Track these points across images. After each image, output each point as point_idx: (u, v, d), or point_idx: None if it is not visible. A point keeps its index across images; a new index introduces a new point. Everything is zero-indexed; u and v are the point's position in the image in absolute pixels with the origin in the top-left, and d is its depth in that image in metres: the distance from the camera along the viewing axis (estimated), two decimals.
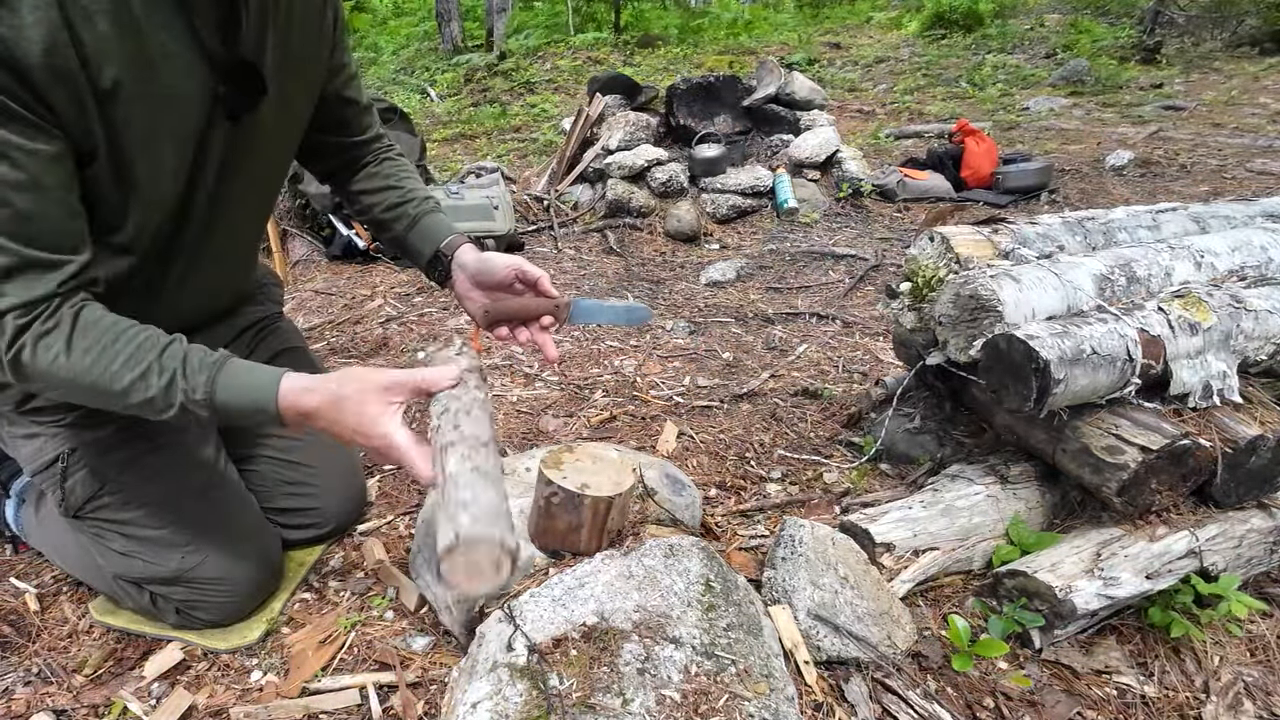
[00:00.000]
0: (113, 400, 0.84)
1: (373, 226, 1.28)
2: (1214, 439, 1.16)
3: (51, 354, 0.81)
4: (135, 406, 0.84)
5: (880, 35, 10.49)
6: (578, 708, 0.78)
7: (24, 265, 0.78)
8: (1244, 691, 1.04)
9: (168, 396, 0.83)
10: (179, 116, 0.87)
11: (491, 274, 1.10)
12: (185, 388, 0.83)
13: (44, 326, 0.81)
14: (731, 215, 3.75)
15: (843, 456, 1.63)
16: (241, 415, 0.86)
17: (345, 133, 1.20)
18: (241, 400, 0.85)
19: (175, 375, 0.83)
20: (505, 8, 9.29)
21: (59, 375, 0.81)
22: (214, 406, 0.84)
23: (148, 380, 0.83)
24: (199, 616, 1.12)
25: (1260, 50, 8.05)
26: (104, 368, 0.82)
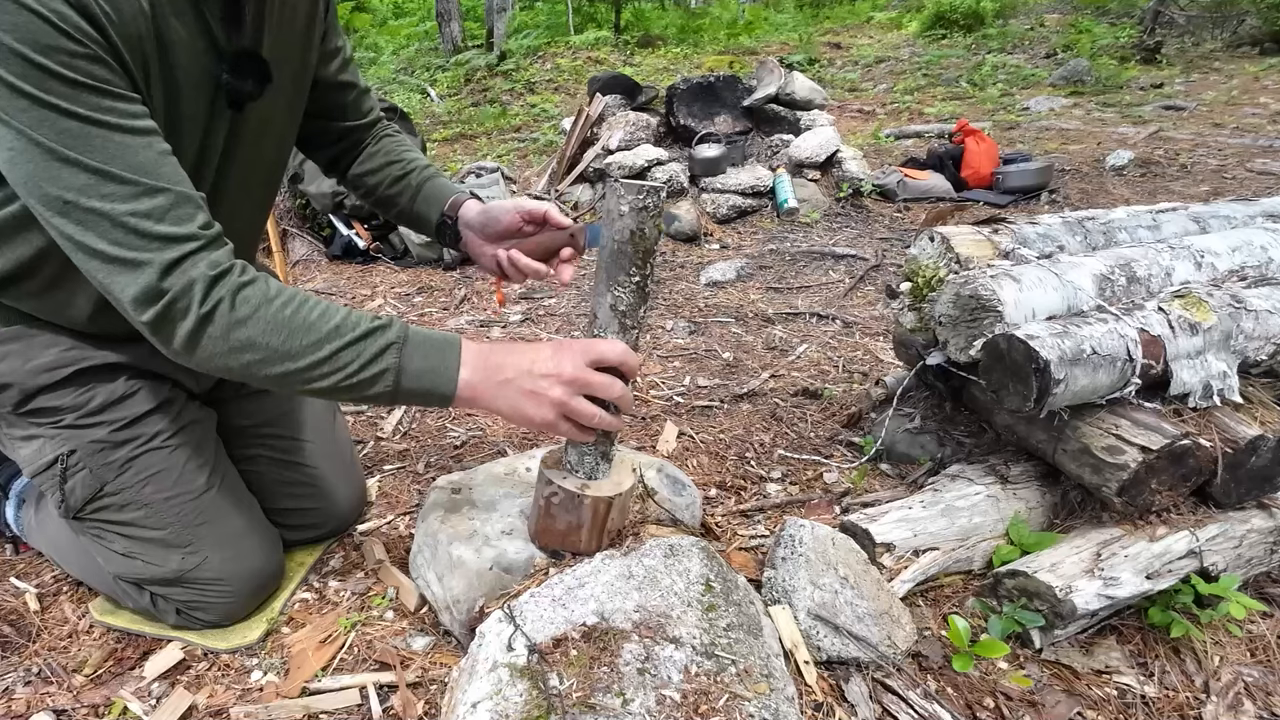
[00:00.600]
0: (305, 354, 0.83)
1: (381, 207, 1.27)
2: (1214, 439, 1.16)
3: (251, 305, 0.82)
4: (327, 359, 0.84)
5: (880, 35, 10.49)
6: (578, 708, 0.78)
7: (181, 199, 0.80)
8: (1244, 691, 1.04)
9: (364, 346, 0.84)
10: (188, 104, 0.87)
11: (497, 223, 1.09)
12: (385, 336, 0.85)
13: (242, 278, 0.83)
14: (732, 215, 3.75)
15: (843, 456, 1.63)
16: (423, 376, 0.88)
17: (344, 117, 1.19)
18: (429, 357, 0.88)
19: (374, 324, 0.86)
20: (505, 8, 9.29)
21: (257, 327, 0.81)
22: (401, 366, 0.86)
23: (341, 329, 0.84)
24: (199, 617, 1.12)
25: (1261, 50, 8.05)
26: (304, 317, 0.83)
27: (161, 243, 0.78)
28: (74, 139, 0.74)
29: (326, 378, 0.85)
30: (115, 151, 0.76)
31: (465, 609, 1.05)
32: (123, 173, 0.76)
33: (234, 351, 0.82)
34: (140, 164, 0.77)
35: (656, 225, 0.90)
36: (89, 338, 1.04)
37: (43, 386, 1.02)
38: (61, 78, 0.71)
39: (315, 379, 0.85)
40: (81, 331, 1.03)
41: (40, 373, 1.01)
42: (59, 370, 1.02)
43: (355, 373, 0.85)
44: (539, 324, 2.54)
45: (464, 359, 0.89)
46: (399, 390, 0.87)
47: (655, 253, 0.92)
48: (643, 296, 0.94)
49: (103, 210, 0.76)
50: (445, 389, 0.88)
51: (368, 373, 0.85)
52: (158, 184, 0.78)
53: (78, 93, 0.73)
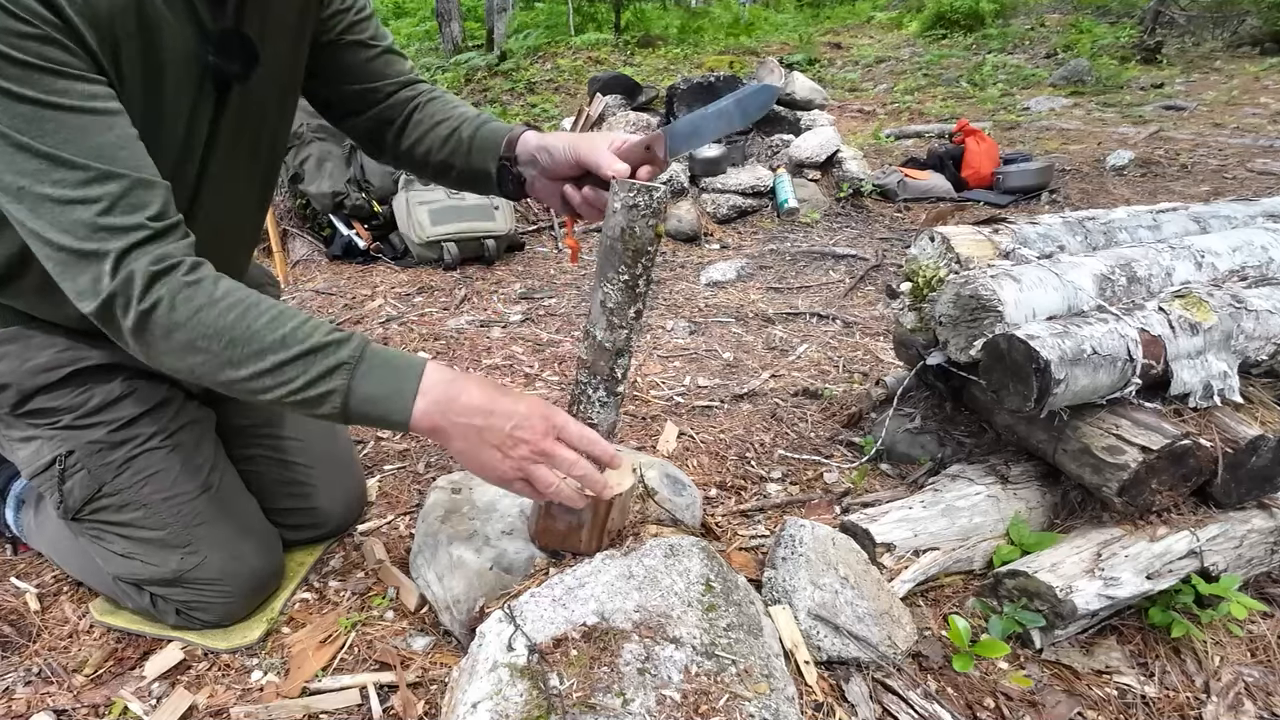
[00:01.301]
0: (247, 363, 0.79)
1: (440, 177, 1.15)
2: (1214, 439, 1.16)
3: (192, 307, 0.78)
4: (270, 371, 0.79)
5: (881, 35, 10.49)
6: (578, 708, 0.78)
7: (136, 186, 0.77)
8: (1244, 692, 1.04)
9: (312, 361, 0.80)
10: (172, 85, 0.85)
11: (556, 164, 0.99)
12: (337, 354, 0.81)
13: (187, 277, 0.78)
14: (732, 215, 3.75)
15: (843, 456, 1.62)
16: (377, 401, 0.83)
17: (368, 78, 1.10)
18: (384, 382, 0.83)
19: (328, 339, 0.81)
20: (506, 8, 9.29)
21: (196, 330, 0.78)
22: (350, 389, 0.81)
23: (287, 341, 0.79)
24: (199, 617, 1.12)
25: (1261, 50, 8.05)
26: (248, 324, 0.79)
27: (107, 234, 0.75)
28: (26, 123, 0.71)
29: (270, 390, 0.81)
30: (69, 135, 0.73)
31: (465, 609, 1.05)
32: (74, 157, 0.74)
33: (177, 353, 0.80)
34: (95, 147, 0.75)
35: (650, 225, 0.88)
36: (86, 337, 1.03)
37: (40, 387, 1.01)
38: (12, 60, 0.69)
39: (260, 390, 0.81)
40: (78, 330, 1.03)
41: (38, 373, 1.01)
42: (56, 371, 1.02)
43: (300, 389, 0.80)
44: (539, 324, 2.54)
45: (424, 388, 0.83)
46: (348, 413, 0.82)
47: (647, 253, 0.90)
48: (632, 296, 0.92)
49: (53, 197, 0.74)
50: (398, 418, 0.83)
51: (313, 391, 0.81)
52: (112, 169, 0.75)
53: (29, 74, 0.70)
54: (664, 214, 0.89)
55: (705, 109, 0.93)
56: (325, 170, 3.29)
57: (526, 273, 3.17)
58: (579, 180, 1.01)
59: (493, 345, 2.35)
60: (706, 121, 0.93)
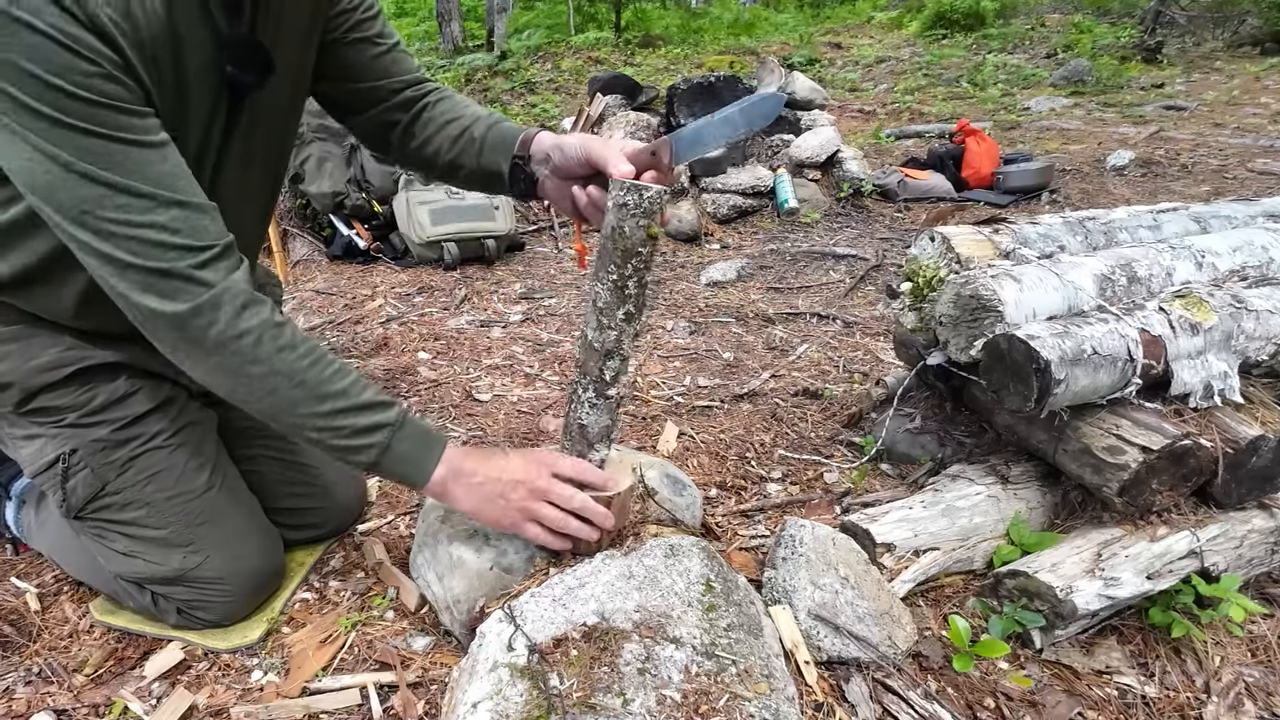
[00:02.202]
0: (306, 404, 0.88)
1: (448, 177, 1.16)
2: (1215, 439, 1.16)
3: (276, 346, 0.86)
4: (325, 415, 0.89)
5: (881, 35, 10.49)
6: (578, 708, 0.78)
7: (197, 210, 0.83)
8: (1245, 692, 1.04)
9: (361, 417, 0.90)
10: (195, 95, 0.87)
11: (570, 162, 1.00)
12: (384, 415, 0.92)
13: (275, 317, 0.87)
14: (732, 215, 3.75)
15: (843, 456, 1.62)
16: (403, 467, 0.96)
17: (374, 77, 1.09)
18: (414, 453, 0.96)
19: (378, 399, 0.92)
20: (506, 8, 9.29)
21: (272, 365, 0.86)
22: (389, 447, 0.93)
23: (348, 393, 0.90)
24: (200, 616, 1.12)
25: (1261, 50, 8.06)
26: (319, 372, 0.88)
27: (180, 253, 0.81)
28: (94, 155, 0.76)
29: (320, 431, 0.90)
30: (134, 167, 0.78)
31: (465, 609, 1.05)
32: (141, 185, 0.78)
33: (244, 380, 0.87)
34: (158, 177, 0.79)
35: (641, 226, 0.87)
36: (90, 336, 1.04)
37: (44, 386, 1.02)
38: (78, 98, 0.73)
39: (309, 429, 0.90)
40: (82, 330, 1.03)
41: (41, 372, 1.01)
42: (60, 370, 1.02)
43: (347, 436, 0.91)
44: (539, 324, 2.54)
45: (445, 458, 0.97)
46: (379, 466, 0.94)
47: (637, 254, 0.88)
48: (621, 297, 0.91)
49: (122, 220, 0.78)
50: (418, 480, 0.97)
51: (358, 441, 0.91)
52: (175, 196, 0.81)
53: (95, 111, 0.74)
54: (658, 216, 0.87)
55: (711, 117, 0.93)
56: (325, 170, 3.29)
57: (527, 273, 3.17)
58: (588, 181, 1.01)
59: (493, 345, 2.35)
60: (712, 129, 0.93)
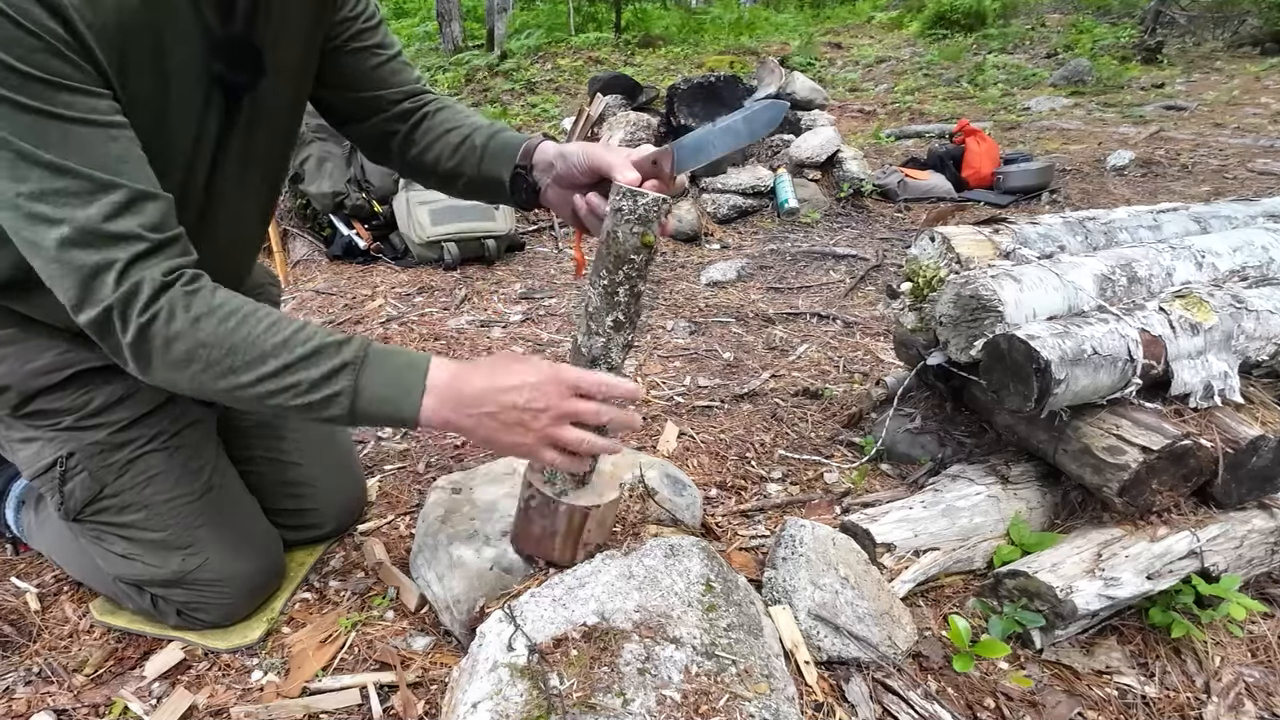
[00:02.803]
0: (249, 369, 0.79)
1: (448, 186, 1.15)
2: (1215, 439, 1.16)
3: (190, 316, 0.78)
4: (273, 375, 0.79)
5: (881, 35, 10.49)
6: (578, 708, 0.78)
7: (138, 197, 0.77)
8: (1245, 692, 1.04)
9: (314, 363, 0.80)
10: (180, 92, 0.85)
11: (572, 171, 0.98)
12: (340, 355, 0.81)
13: (187, 287, 0.78)
14: (732, 215, 3.75)
15: (843, 456, 1.62)
16: (387, 391, 0.83)
17: (374, 86, 1.09)
18: (393, 366, 0.83)
19: (329, 340, 0.81)
20: (506, 8, 9.29)
21: (195, 339, 0.77)
22: (357, 389, 0.81)
23: (290, 344, 0.79)
24: (200, 617, 1.12)
25: (1262, 50, 8.06)
26: (248, 331, 0.79)
27: (109, 243, 0.75)
28: (29, 132, 0.71)
29: (275, 396, 0.80)
30: (72, 146, 0.73)
31: (465, 609, 1.05)
32: (78, 168, 0.73)
33: (177, 364, 0.79)
34: (98, 159, 0.75)
35: (634, 233, 0.85)
36: (87, 339, 1.03)
37: (41, 389, 1.01)
38: (16, 71, 0.69)
39: (264, 396, 0.80)
40: (80, 333, 1.02)
41: (39, 375, 1.01)
42: (57, 372, 1.01)
43: (305, 391, 0.80)
44: (539, 324, 2.54)
45: (430, 384, 0.83)
46: (355, 414, 0.82)
47: (629, 261, 0.87)
48: (610, 303, 0.90)
49: (53, 206, 0.73)
50: (407, 414, 0.83)
51: (319, 393, 0.80)
52: (114, 180, 0.75)
53: (34, 85, 0.70)
54: (654, 224, 0.86)
55: (714, 125, 0.91)
56: (325, 170, 3.29)
57: (527, 273, 3.17)
58: (590, 190, 1.00)
59: (493, 345, 2.35)
60: (714, 138, 0.91)
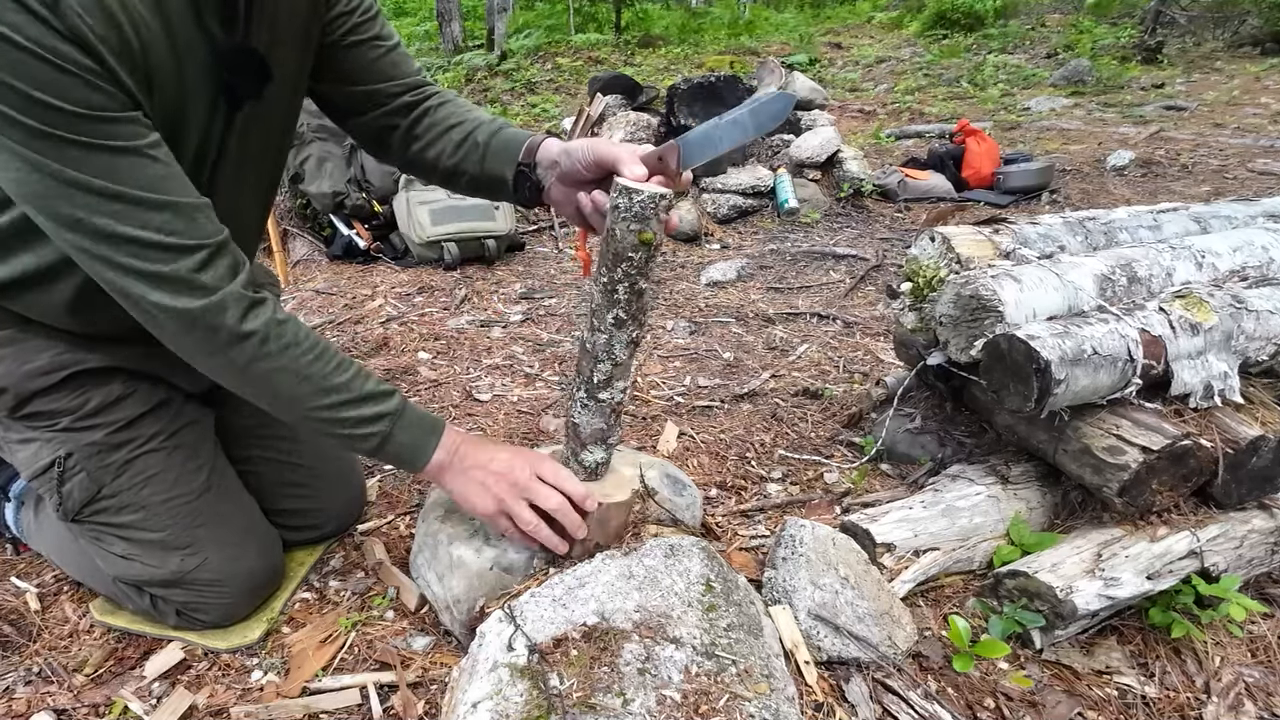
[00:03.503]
0: (312, 399, 0.91)
1: (450, 183, 1.15)
2: (1215, 439, 1.16)
3: (282, 344, 0.88)
4: (329, 409, 0.93)
5: (881, 35, 10.49)
6: (578, 707, 0.78)
7: (188, 209, 0.83)
8: (1245, 692, 1.04)
9: (364, 408, 0.95)
10: (192, 104, 0.87)
11: (576, 169, 0.98)
12: (386, 404, 0.97)
13: (278, 315, 0.89)
14: (732, 215, 3.75)
15: (843, 456, 1.62)
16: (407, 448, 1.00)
17: (373, 79, 1.08)
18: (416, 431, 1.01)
19: (379, 389, 0.97)
20: (506, 8, 9.29)
21: (278, 362, 0.88)
22: (391, 435, 0.97)
23: (350, 385, 0.94)
24: (200, 618, 1.12)
25: (1262, 50, 8.06)
26: (321, 367, 0.91)
27: (175, 253, 0.82)
28: (80, 163, 0.76)
29: (326, 424, 0.94)
30: (122, 173, 0.78)
31: (466, 609, 1.05)
32: (130, 190, 0.78)
33: (249, 379, 0.90)
34: (147, 181, 0.79)
35: (632, 230, 0.85)
36: (84, 340, 1.03)
37: (38, 390, 1.01)
38: (61, 111, 0.72)
39: (311, 420, 0.94)
40: (77, 334, 1.02)
41: (35, 376, 1.00)
42: (54, 374, 1.01)
43: (351, 426, 0.95)
44: (539, 324, 2.54)
45: (442, 443, 1.02)
46: (380, 452, 0.98)
47: (628, 259, 0.87)
48: (610, 301, 0.90)
49: (115, 225, 0.79)
50: (419, 464, 1.01)
51: (360, 430, 0.96)
52: (166, 199, 0.81)
53: (78, 121, 0.74)
54: (653, 221, 0.85)
55: (719, 119, 0.90)
56: (325, 170, 3.29)
57: (527, 273, 3.17)
58: (595, 187, 0.99)
59: (493, 345, 2.35)
60: (721, 132, 0.90)
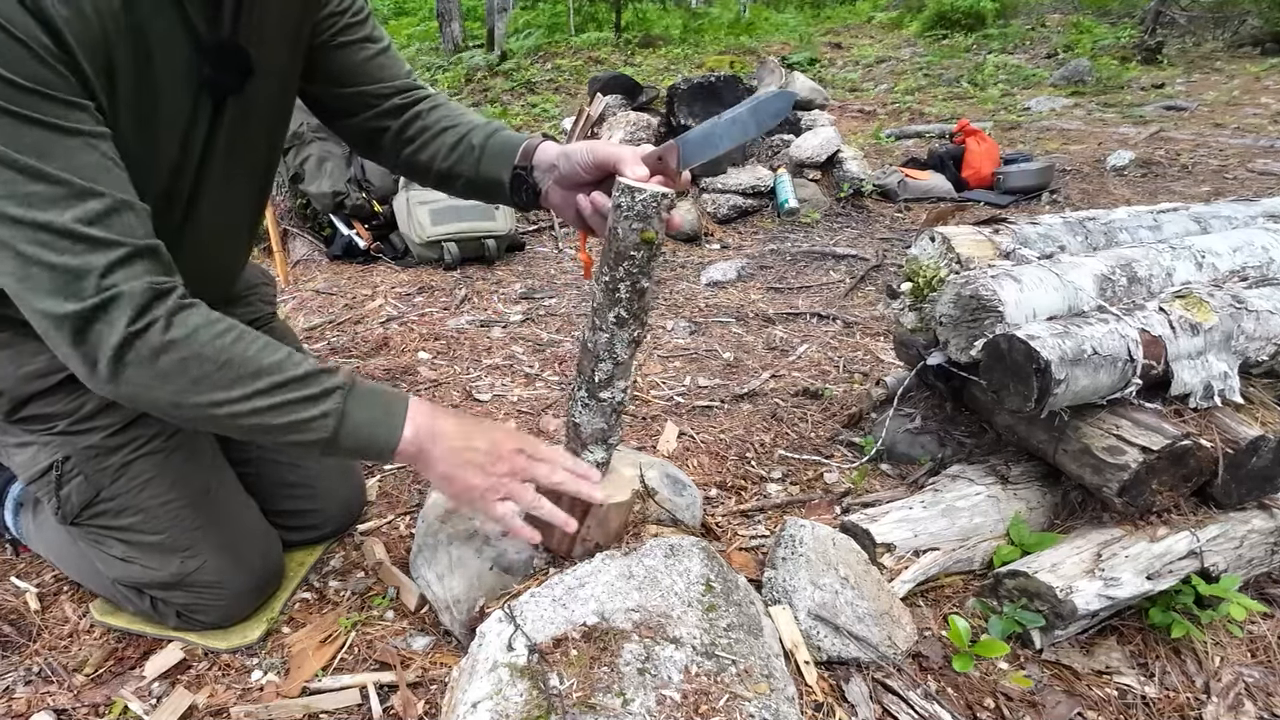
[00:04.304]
0: (240, 384, 0.79)
1: (445, 185, 1.14)
2: (1215, 439, 1.16)
3: (188, 328, 0.78)
4: (263, 393, 0.80)
5: (881, 35, 10.50)
6: (578, 707, 0.78)
7: (119, 206, 0.76)
8: (1245, 692, 1.04)
9: (307, 384, 0.82)
10: (168, 99, 0.85)
11: (575, 172, 0.97)
12: (331, 380, 0.84)
13: (182, 300, 0.79)
14: (732, 215, 3.75)
15: (843, 457, 1.62)
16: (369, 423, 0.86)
17: (363, 81, 1.07)
18: (373, 405, 0.86)
19: (320, 368, 0.84)
20: (506, 7, 9.29)
21: (190, 349, 0.77)
22: (344, 413, 0.84)
23: (284, 365, 0.81)
24: (200, 619, 1.12)
25: (1262, 50, 8.06)
26: (243, 349, 0.80)
27: (88, 248, 0.74)
28: (9, 137, 0.71)
29: (259, 414, 0.81)
30: (51, 152, 0.73)
31: (465, 609, 1.05)
32: (56, 172, 0.73)
33: (160, 376, 0.78)
34: (77, 166, 0.74)
35: (634, 229, 0.85)
36: None
37: (34, 393, 1.00)
38: (2, 79, 0.69)
39: (249, 413, 0.81)
40: None
41: (32, 379, 1.00)
42: (50, 376, 1.00)
43: (293, 410, 0.81)
44: (539, 324, 2.54)
45: (410, 415, 0.88)
46: (338, 436, 0.84)
47: (629, 258, 0.87)
48: (611, 300, 0.90)
49: (27, 208, 0.72)
50: (388, 444, 0.87)
51: (305, 413, 0.82)
52: (93, 186, 0.74)
53: (17, 93, 0.70)
54: (655, 221, 0.85)
55: (720, 118, 0.90)
56: (325, 170, 3.29)
57: (527, 273, 3.17)
58: (594, 188, 0.99)
59: (493, 345, 2.35)
60: (721, 131, 0.90)
